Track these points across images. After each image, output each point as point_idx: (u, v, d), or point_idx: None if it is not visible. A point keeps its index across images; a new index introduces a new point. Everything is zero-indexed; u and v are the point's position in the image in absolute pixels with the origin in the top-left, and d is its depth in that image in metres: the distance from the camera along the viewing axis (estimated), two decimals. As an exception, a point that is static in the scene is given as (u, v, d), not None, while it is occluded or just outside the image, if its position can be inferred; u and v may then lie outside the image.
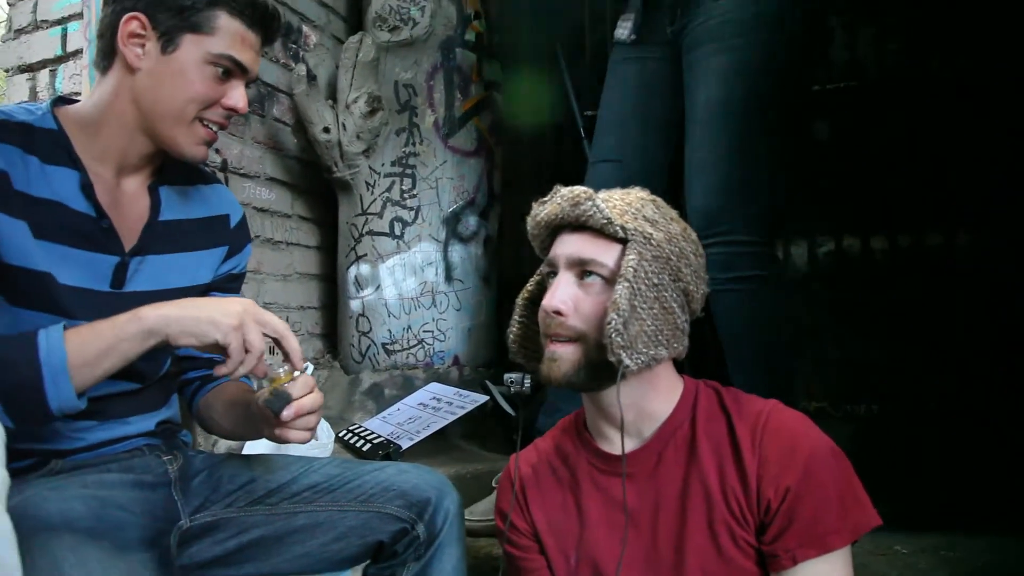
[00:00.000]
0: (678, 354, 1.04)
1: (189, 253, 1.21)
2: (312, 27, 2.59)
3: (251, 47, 1.13)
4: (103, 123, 1.11)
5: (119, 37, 1.08)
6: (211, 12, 1.08)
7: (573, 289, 1.01)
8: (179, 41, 1.08)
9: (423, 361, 2.46)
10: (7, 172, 1.00)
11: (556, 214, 1.03)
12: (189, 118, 1.11)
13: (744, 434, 0.98)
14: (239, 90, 1.14)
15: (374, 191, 2.48)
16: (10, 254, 0.99)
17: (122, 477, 1.08)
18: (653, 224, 1.00)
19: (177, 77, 1.09)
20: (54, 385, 0.90)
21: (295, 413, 1.00)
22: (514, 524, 1.13)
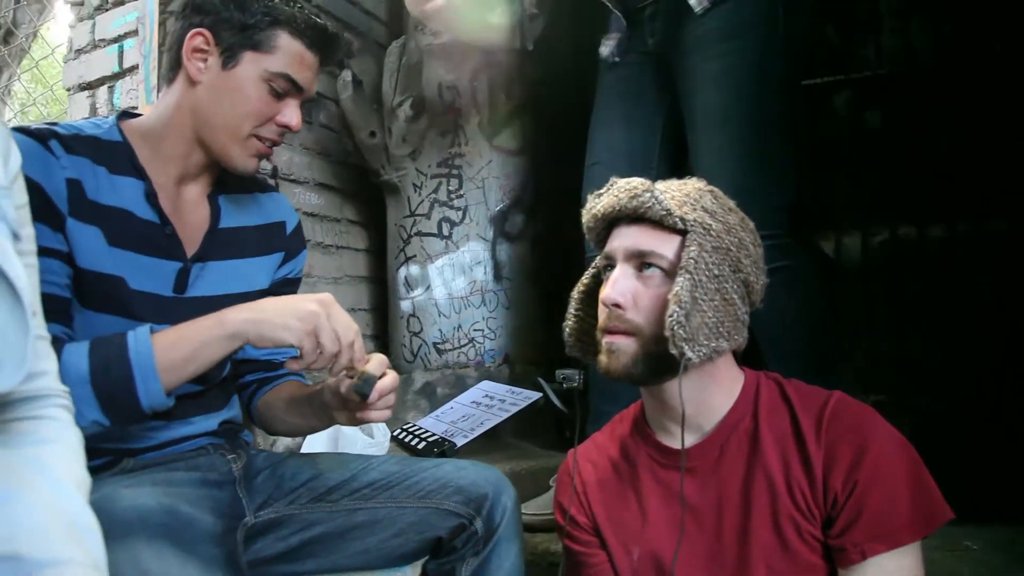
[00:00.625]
0: (738, 346, 1.03)
1: (248, 259, 1.24)
2: (355, 34, 2.62)
3: (309, 67, 1.16)
4: (165, 134, 1.15)
5: (184, 51, 1.12)
6: (272, 31, 1.12)
7: (632, 282, 1.00)
8: (239, 58, 1.12)
9: (474, 359, 2.47)
10: (81, 181, 1.05)
11: (613, 206, 1.02)
12: (244, 133, 1.15)
13: (808, 425, 0.96)
14: (294, 108, 1.17)
15: (421, 192, 2.50)
16: (84, 259, 1.04)
17: (189, 475, 1.11)
18: (712, 215, 0.99)
19: (235, 92, 1.13)
20: (144, 385, 0.95)
21: (379, 394, 1.06)
22: (574, 519, 1.13)
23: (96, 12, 2.06)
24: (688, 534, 1.01)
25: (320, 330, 0.98)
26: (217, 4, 1.12)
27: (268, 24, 1.11)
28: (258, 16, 1.11)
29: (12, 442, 0.71)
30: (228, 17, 1.11)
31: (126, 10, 1.96)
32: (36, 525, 0.65)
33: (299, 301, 1.00)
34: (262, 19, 1.11)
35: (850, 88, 2.67)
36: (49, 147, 1.03)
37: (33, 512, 0.66)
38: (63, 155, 1.04)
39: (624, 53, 1.86)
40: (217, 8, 1.12)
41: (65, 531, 0.67)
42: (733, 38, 1.62)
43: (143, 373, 0.95)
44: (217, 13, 1.11)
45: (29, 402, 0.74)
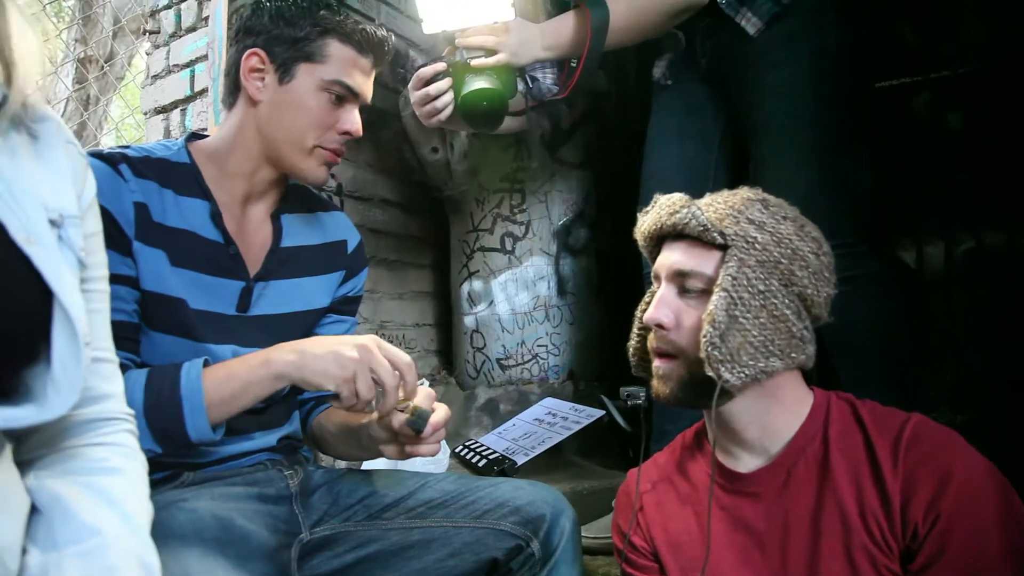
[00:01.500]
0: (801, 364, 0.97)
1: (309, 278, 1.26)
2: (419, 51, 2.65)
3: (362, 71, 1.19)
4: (230, 154, 1.18)
5: (242, 73, 1.16)
6: (323, 41, 1.15)
7: (676, 302, 0.97)
8: (295, 71, 1.15)
9: (538, 376, 2.44)
10: (147, 204, 1.08)
11: (656, 224, 1.00)
12: (309, 144, 1.17)
13: (884, 451, 0.89)
14: (353, 114, 1.20)
15: (484, 207, 2.49)
16: (148, 281, 1.07)
17: (247, 490, 1.12)
18: (759, 226, 0.94)
19: (295, 105, 1.15)
20: (192, 419, 0.99)
21: (432, 430, 1.06)
22: (632, 543, 1.09)
23: (171, 39, 2.14)
24: (752, 562, 0.96)
25: (358, 377, 0.99)
26: (267, 23, 1.15)
27: (318, 34, 1.14)
28: (307, 28, 1.14)
29: (82, 469, 0.73)
30: (279, 34, 1.14)
31: (197, 36, 2.03)
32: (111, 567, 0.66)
33: (342, 346, 1.00)
34: (311, 30, 1.14)
35: (930, 89, 2.54)
36: (119, 171, 1.07)
37: (108, 554, 0.67)
38: (132, 178, 1.08)
39: (677, 75, 1.86)
40: (268, 27, 1.15)
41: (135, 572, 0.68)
42: (786, 49, 1.60)
43: (192, 409, 0.99)
44: (268, 32, 1.15)
45: (96, 426, 0.77)
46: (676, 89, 1.87)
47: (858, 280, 1.47)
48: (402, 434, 1.07)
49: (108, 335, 0.80)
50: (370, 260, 2.36)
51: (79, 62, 4.85)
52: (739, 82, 1.69)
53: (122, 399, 0.81)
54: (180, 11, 2.12)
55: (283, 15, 1.15)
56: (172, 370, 1.00)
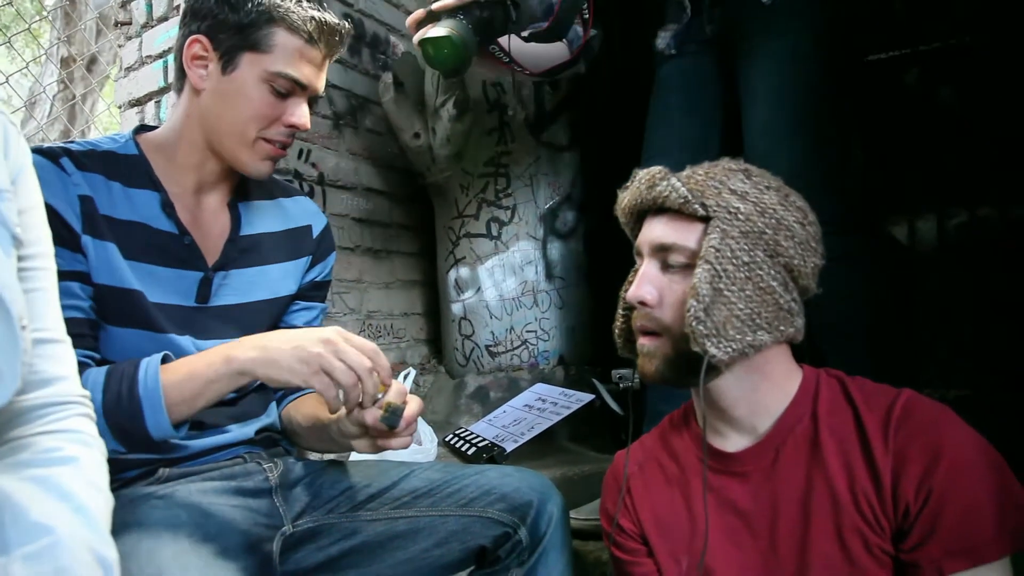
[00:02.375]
0: (790, 337, 0.94)
1: (272, 265, 1.22)
2: (399, 36, 2.61)
3: (311, 62, 1.12)
4: (178, 144, 1.14)
5: (184, 60, 1.11)
6: (269, 30, 1.08)
7: (658, 277, 0.94)
8: (238, 61, 1.09)
9: (527, 362, 2.42)
10: (92, 197, 1.04)
11: (636, 198, 0.97)
12: (251, 137, 1.12)
13: (874, 428, 0.87)
14: (301, 107, 1.14)
15: (468, 193, 2.46)
16: (101, 275, 1.03)
17: (225, 484, 1.09)
18: (741, 196, 0.91)
19: (236, 96, 1.10)
20: (154, 419, 0.95)
21: (405, 424, 1.02)
22: (620, 525, 1.06)
23: (143, 30, 2.09)
24: (741, 543, 0.94)
25: (331, 369, 0.94)
26: (212, 6, 1.09)
27: (264, 22, 1.08)
28: (252, 14, 1.07)
29: (32, 462, 0.69)
30: (224, 19, 1.08)
31: (169, 25, 1.99)
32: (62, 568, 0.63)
33: (304, 341, 0.96)
34: (257, 17, 1.07)
35: (921, 62, 2.51)
36: (60, 164, 1.03)
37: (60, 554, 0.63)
38: (75, 171, 1.04)
39: (681, 44, 1.81)
40: (213, 11, 1.09)
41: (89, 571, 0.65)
42: (795, 17, 1.58)
43: (152, 409, 0.95)
44: (213, 16, 1.08)
45: (45, 412, 0.72)
46: (680, 61, 1.82)
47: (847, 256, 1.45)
48: (375, 429, 1.04)
49: (56, 315, 0.76)
50: (355, 249, 2.35)
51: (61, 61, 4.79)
52: (744, 49, 1.66)
53: (75, 381, 0.76)
54: (151, 1, 2.07)
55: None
56: (130, 369, 0.97)
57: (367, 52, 2.45)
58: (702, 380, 0.90)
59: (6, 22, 4.92)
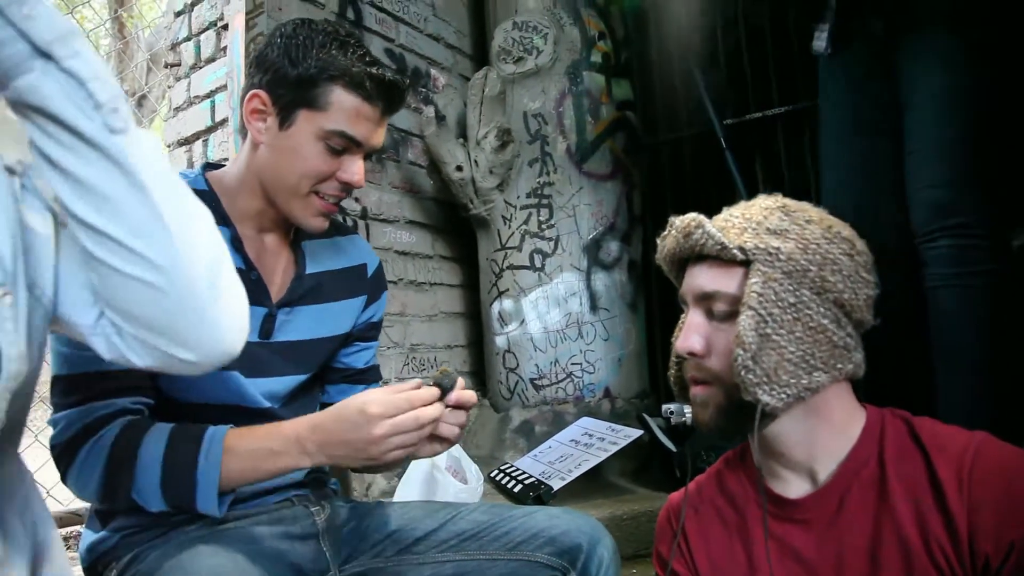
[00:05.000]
0: (849, 374, 0.90)
1: (332, 303, 1.23)
2: (440, 69, 2.63)
3: (368, 119, 1.11)
4: (240, 189, 1.15)
5: (244, 113, 1.11)
6: (326, 87, 1.07)
7: (705, 326, 0.91)
8: (295, 117, 1.08)
9: (573, 395, 2.38)
10: None
11: (675, 248, 0.94)
12: (304, 192, 1.12)
13: (948, 475, 0.81)
14: (356, 164, 1.13)
15: (511, 225, 2.45)
16: None
17: (271, 529, 1.08)
18: (781, 235, 0.87)
19: (292, 153, 1.10)
20: (204, 501, 0.97)
21: (456, 399, 1.01)
22: (675, 572, 1.02)
23: (191, 71, 2.14)
24: (807, 597, 0.88)
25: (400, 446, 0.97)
26: (275, 59, 1.09)
27: (322, 80, 1.07)
28: (312, 69, 1.07)
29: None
30: (284, 74, 1.07)
31: (216, 66, 2.03)
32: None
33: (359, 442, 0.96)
34: (317, 73, 1.07)
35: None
36: None
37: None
38: None
39: (841, 42, 1.70)
40: (275, 64, 1.08)
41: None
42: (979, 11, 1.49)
43: (204, 494, 0.97)
44: (275, 70, 1.08)
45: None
46: (843, 63, 1.72)
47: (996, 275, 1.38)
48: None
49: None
50: (398, 282, 2.35)
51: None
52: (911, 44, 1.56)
53: None
54: (199, 42, 2.12)
55: (289, 53, 1.08)
56: (192, 450, 0.97)
57: (400, 109, 2.47)
58: (756, 429, 0.87)
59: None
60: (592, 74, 2.52)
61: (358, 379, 1.30)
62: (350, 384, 1.29)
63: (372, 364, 1.33)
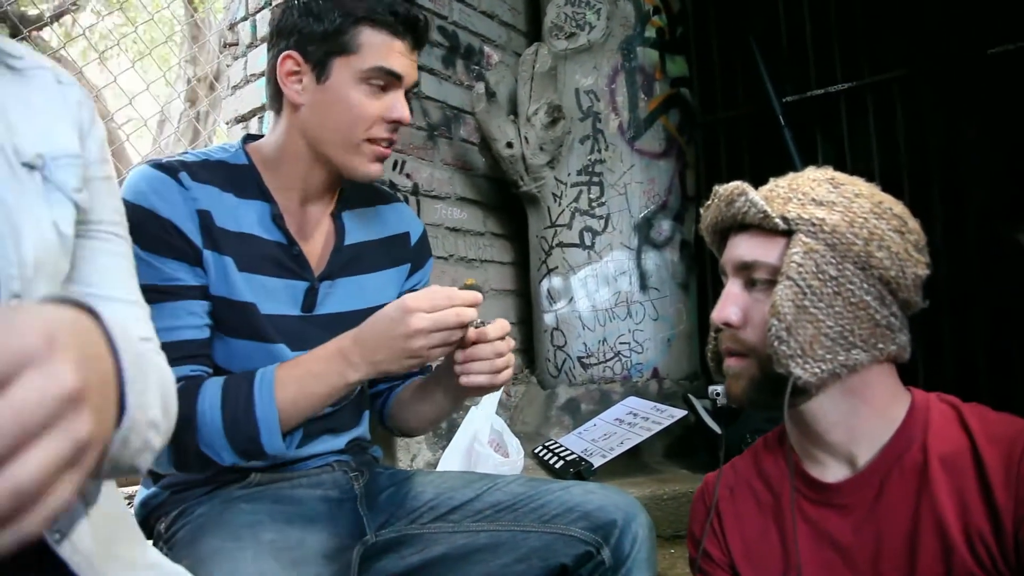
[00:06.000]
0: (892, 356, 0.86)
1: (375, 273, 1.23)
2: (493, 46, 2.63)
3: (401, 53, 1.13)
4: (282, 159, 1.16)
5: (279, 78, 1.12)
6: (354, 31, 1.09)
7: (742, 297, 0.89)
8: (330, 68, 1.10)
9: (620, 374, 2.37)
10: (210, 211, 1.07)
11: (717, 216, 0.93)
12: (357, 140, 1.13)
13: (995, 463, 0.78)
14: (399, 100, 1.14)
15: (562, 202, 2.44)
16: (218, 287, 1.07)
17: (310, 492, 1.11)
18: (827, 207, 0.84)
19: (336, 103, 1.11)
20: (269, 439, 1.00)
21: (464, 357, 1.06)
22: (708, 552, 1.01)
23: (248, 49, 2.19)
24: (840, 581, 0.87)
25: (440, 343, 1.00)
26: (297, 20, 1.11)
27: (348, 24, 1.09)
28: (336, 20, 1.09)
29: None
30: (310, 31, 1.10)
31: (272, 43, 2.06)
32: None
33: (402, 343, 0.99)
34: (341, 22, 1.09)
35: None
36: (179, 179, 1.06)
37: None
38: (192, 185, 1.07)
39: None
40: (298, 25, 1.11)
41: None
42: None
43: (268, 431, 1.00)
44: (299, 31, 1.10)
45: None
46: None
47: None
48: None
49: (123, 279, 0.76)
50: (449, 259, 2.37)
51: (189, 82, 5.11)
52: None
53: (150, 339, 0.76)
54: (255, 21, 2.17)
55: (310, 10, 1.10)
56: (245, 388, 1.00)
57: (461, 63, 2.47)
58: (786, 403, 0.85)
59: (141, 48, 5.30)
60: (646, 50, 2.47)
61: None
62: None
63: None
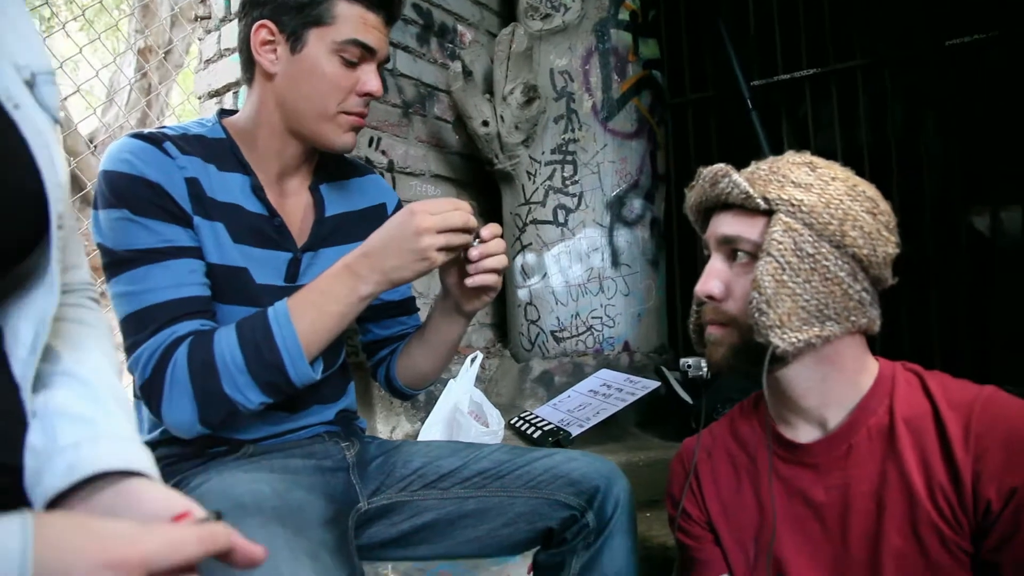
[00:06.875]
0: (863, 328, 0.93)
1: (354, 244, 1.25)
2: (467, 25, 2.63)
3: (374, 27, 1.14)
4: (257, 132, 1.17)
5: (253, 47, 1.13)
6: (329, 2, 1.10)
7: (725, 272, 0.95)
8: (305, 38, 1.11)
9: (592, 347, 2.43)
10: (197, 179, 1.08)
11: (701, 196, 0.98)
12: (332, 111, 1.14)
13: (954, 425, 0.85)
14: (371, 74, 1.16)
15: (536, 180, 2.48)
16: (212, 254, 1.08)
17: (304, 462, 1.14)
18: (805, 188, 0.90)
19: (310, 74, 1.12)
20: (294, 368, 1.00)
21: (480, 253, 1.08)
22: (687, 511, 1.07)
23: (221, 24, 2.16)
24: (811, 534, 0.94)
25: (445, 244, 1.01)
26: None
27: None
28: None
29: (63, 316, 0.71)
30: (284, 1, 1.10)
31: (248, 18, 2.04)
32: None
33: (407, 243, 1.01)
34: None
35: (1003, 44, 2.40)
36: (165, 149, 1.06)
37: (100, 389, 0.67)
38: (179, 155, 1.07)
39: None
40: None
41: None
42: None
43: (291, 356, 1.00)
44: (274, 1, 1.11)
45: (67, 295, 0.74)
46: None
47: None
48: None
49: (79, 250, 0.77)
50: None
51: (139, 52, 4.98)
52: None
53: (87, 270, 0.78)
54: (230, -6, 2.14)
55: None
56: (261, 321, 1.01)
57: (435, 41, 2.48)
58: (764, 370, 0.91)
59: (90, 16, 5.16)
60: (619, 32, 2.51)
61: (397, 311, 1.35)
62: (391, 317, 1.34)
63: (408, 296, 1.37)
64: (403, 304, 1.36)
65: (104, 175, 1.02)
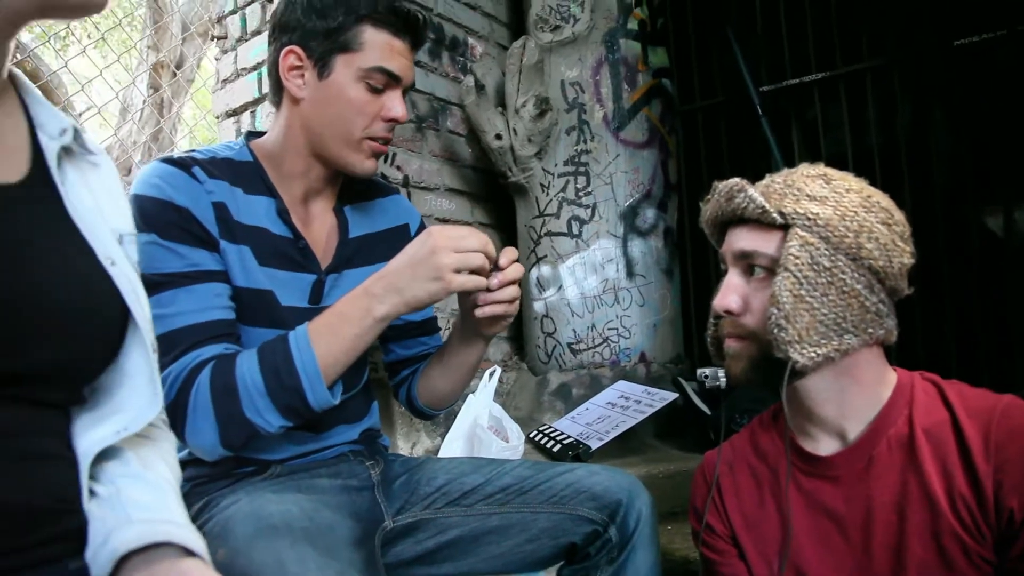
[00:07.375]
0: (880, 339, 0.94)
1: (378, 265, 1.27)
2: (477, 38, 2.65)
3: (400, 54, 1.17)
4: (283, 154, 1.19)
5: (281, 72, 1.16)
6: (356, 28, 1.13)
7: (742, 286, 0.96)
8: (332, 64, 1.14)
9: (609, 359, 2.44)
10: (225, 203, 1.10)
11: (716, 211, 0.99)
12: (356, 137, 1.16)
13: (974, 434, 0.86)
14: (396, 100, 1.18)
15: (549, 192, 2.49)
16: (238, 277, 1.10)
17: (331, 482, 1.15)
18: (820, 201, 0.91)
19: (336, 100, 1.14)
20: (312, 392, 1.01)
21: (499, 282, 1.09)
22: (710, 525, 1.08)
23: (238, 43, 2.20)
24: (833, 547, 0.94)
25: (462, 264, 1.01)
26: (300, 17, 1.14)
27: (351, 22, 1.12)
28: (340, 18, 1.12)
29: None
30: (313, 28, 1.13)
31: (262, 39, 2.08)
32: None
33: (424, 264, 1.02)
34: (344, 19, 1.12)
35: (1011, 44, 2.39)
36: (193, 174, 1.09)
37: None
38: (206, 180, 1.10)
39: None
40: (301, 21, 1.14)
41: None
42: None
43: (310, 381, 1.00)
44: (302, 27, 1.13)
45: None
46: None
47: None
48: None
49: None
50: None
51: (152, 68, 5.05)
52: None
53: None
54: (245, 15, 2.18)
55: (314, 7, 1.13)
56: (281, 345, 1.02)
57: (447, 55, 2.50)
58: (784, 384, 0.91)
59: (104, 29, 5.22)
60: (628, 41, 2.52)
61: (418, 332, 1.36)
62: (412, 337, 1.36)
63: (430, 316, 1.39)
64: (424, 324, 1.37)
65: (134, 199, 1.05)
